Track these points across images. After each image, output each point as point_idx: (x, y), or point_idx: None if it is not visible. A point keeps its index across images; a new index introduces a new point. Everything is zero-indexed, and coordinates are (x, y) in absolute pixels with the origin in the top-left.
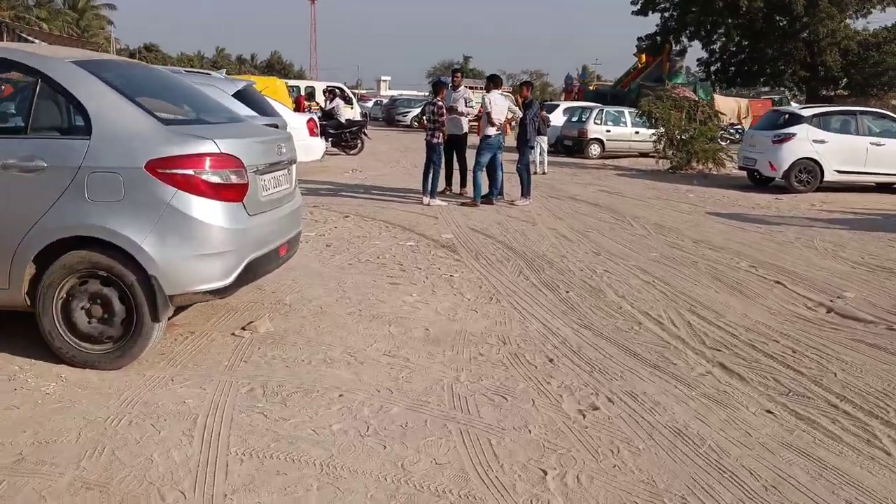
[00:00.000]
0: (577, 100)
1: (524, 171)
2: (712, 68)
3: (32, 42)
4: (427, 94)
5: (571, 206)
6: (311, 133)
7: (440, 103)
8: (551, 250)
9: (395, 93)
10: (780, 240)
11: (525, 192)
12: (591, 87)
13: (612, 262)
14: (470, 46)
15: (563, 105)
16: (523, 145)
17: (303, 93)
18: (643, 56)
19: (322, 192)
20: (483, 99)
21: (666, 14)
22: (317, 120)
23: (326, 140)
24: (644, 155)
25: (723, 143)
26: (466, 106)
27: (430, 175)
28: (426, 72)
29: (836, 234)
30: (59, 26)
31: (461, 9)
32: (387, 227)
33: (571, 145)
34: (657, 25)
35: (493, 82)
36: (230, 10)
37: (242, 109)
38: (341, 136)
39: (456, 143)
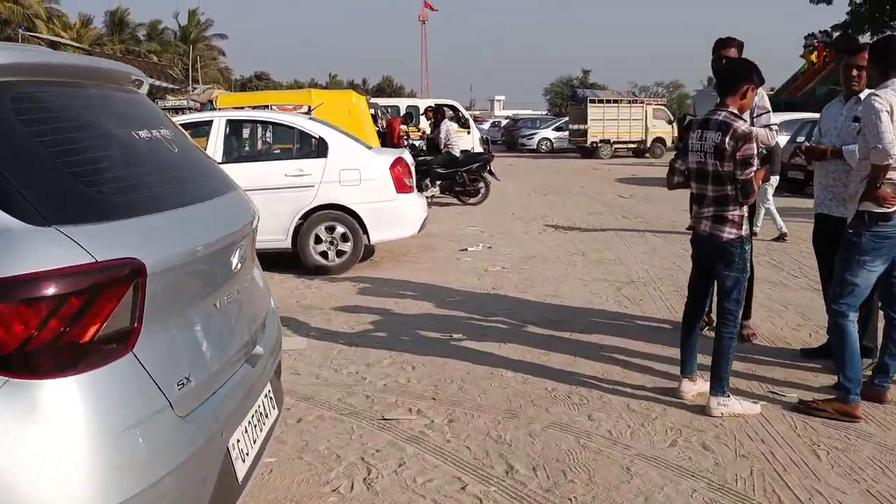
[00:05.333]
0: None
1: None
2: None
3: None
4: (545, 111)
5: None
6: (401, 186)
7: (743, 130)
8: None
9: (508, 113)
10: None
11: None
12: None
13: None
14: (587, 59)
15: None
16: None
17: (401, 114)
18: (814, 55)
19: (412, 331)
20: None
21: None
22: (409, 160)
23: (432, 185)
24: None
25: None
26: (766, 125)
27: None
28: (543, 89)
29: None
30: (168, 58)
31: (575, 21)
32: None
33: (804, 179)
34: (847, 14)
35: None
36: (342, 35)
37: None
38: (455, 176)
39: None
